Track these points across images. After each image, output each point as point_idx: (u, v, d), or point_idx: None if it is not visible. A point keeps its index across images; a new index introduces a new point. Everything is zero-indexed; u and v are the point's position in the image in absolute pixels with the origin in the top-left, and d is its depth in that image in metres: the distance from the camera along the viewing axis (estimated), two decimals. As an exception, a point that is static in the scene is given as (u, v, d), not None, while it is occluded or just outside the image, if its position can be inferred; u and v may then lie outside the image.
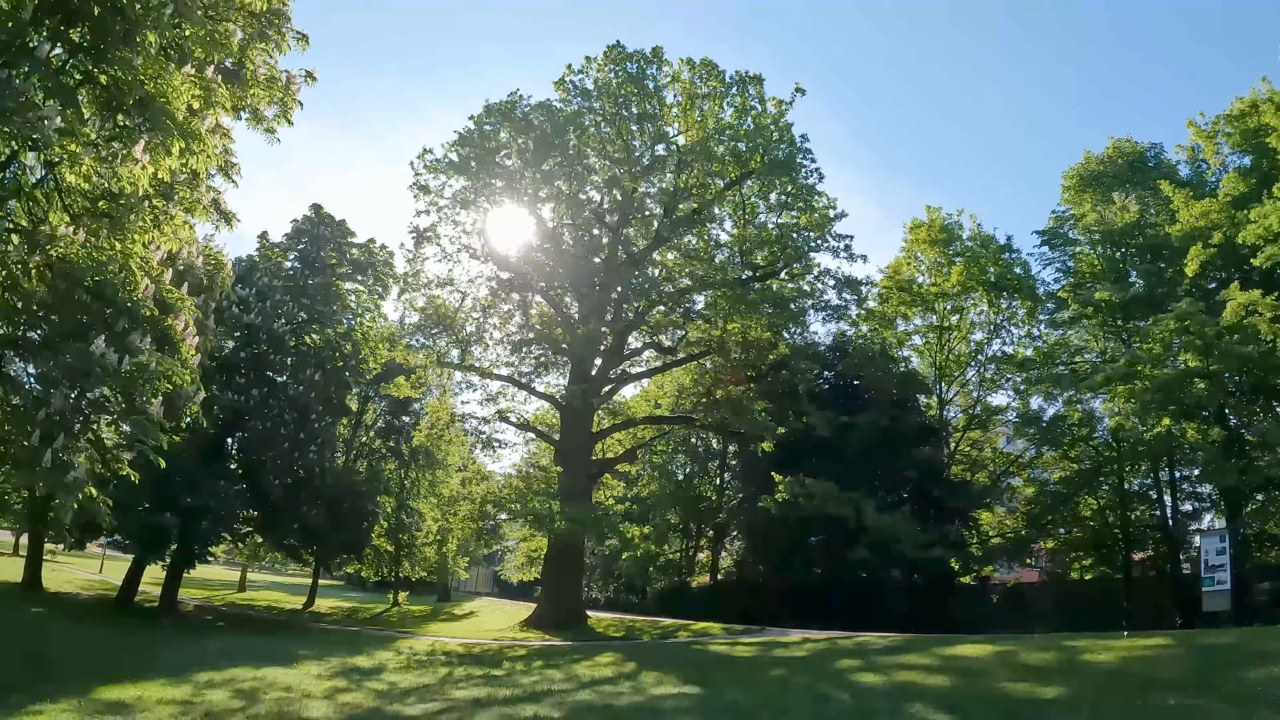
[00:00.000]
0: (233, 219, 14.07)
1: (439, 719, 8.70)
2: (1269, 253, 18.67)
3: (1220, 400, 19.84)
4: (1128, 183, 27.93)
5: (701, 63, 28.92)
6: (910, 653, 12.18)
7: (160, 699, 10.26)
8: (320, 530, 27.17)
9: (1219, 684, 7.51)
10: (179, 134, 10.41)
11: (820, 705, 8.94)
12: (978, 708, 8.05)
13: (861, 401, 28.29)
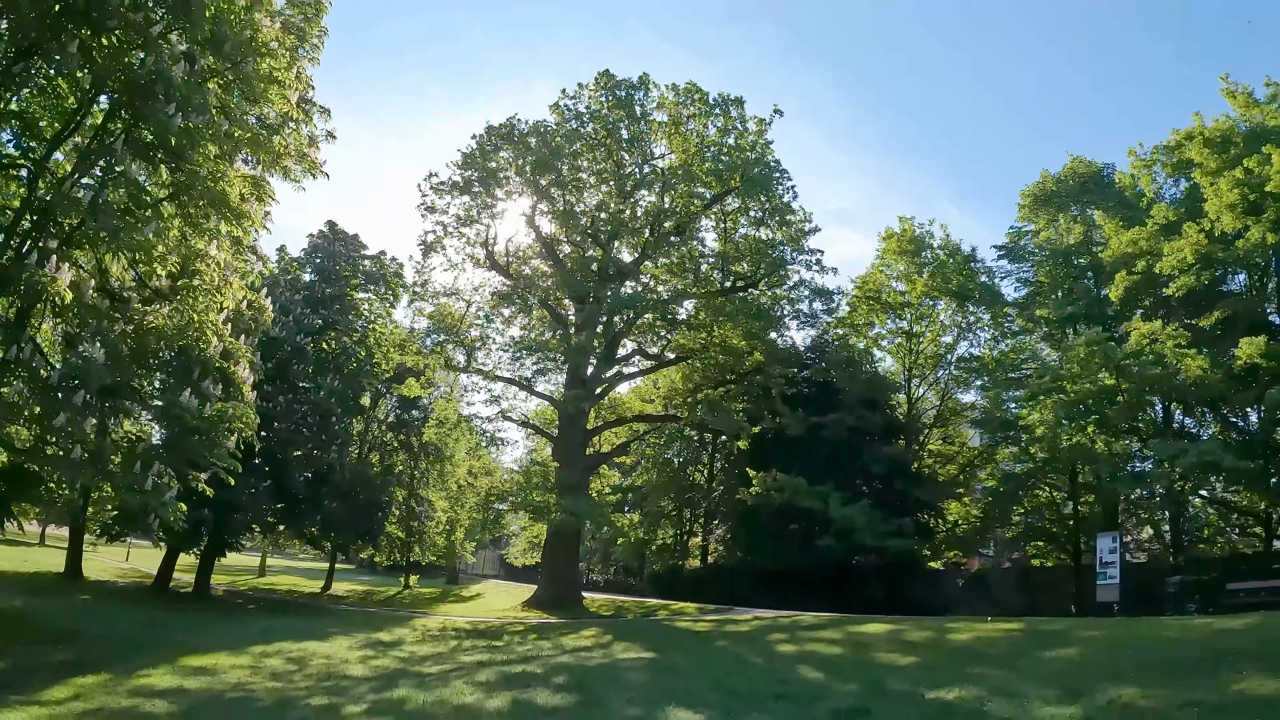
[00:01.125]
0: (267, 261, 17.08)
1: (450, 676, 11.76)
2: (1181, 282, 21.34)
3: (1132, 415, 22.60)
4: (1079, 202, 30.51)
5: (685, 88, 31.56)
6: (827, 629, 15.22)
7: (232, 665, 13.33)
8: (339, 520, 30.37)
9: (1020, 660, 10.40)
10: (236, 221, 13.47)
11: (739, 665, 11.99)
12: (847, 668, 11.06)
13: (834, 402, 31.17)
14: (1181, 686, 7.74)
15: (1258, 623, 10.95)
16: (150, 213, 11.86)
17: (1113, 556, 18.07)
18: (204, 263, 12.32)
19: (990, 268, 33.43)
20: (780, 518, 30.19)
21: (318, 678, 12.38)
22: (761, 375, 29.88)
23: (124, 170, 12.14)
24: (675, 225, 31.32)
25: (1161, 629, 11.43)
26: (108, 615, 21.52)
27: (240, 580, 42.76)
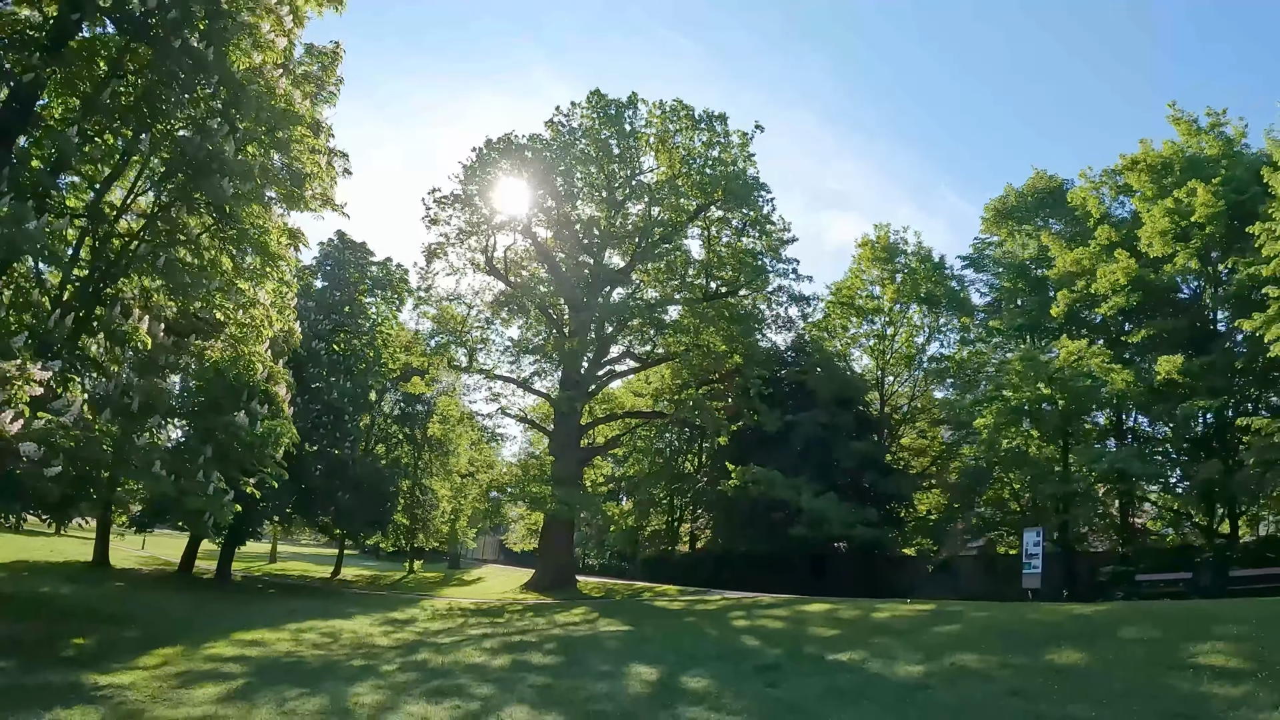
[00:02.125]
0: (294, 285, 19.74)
1: (461, 644, 14.57)
2: (1114, 302, 24.02)
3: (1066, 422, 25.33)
4: (1037, 217, 33.09)
5: (672, 106, 34.03)
6: (778, 608, 18.08)
7: (276, 639, 16.11)
8: (351, 510, 33.26)
9: (912, 633, 13.12)
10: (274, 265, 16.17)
11: (696, 635, 14.83)
12: (780, 638, 13.88)
13: (809, 400, 33.94)
14: (1010, 654, 10.51)
15: (1104, 609, 13.69)
16: (211, 268, 14.52)
17: (1036, 549, 20.99)
18: (255, 307, 15.01)
19: (960, 274, 36.18)
20: (758, 508, 33.07)
21: (352, 647, 15.19)
22: (740, 376, 32.63)
23: (185, 230, 14.83)
24: (662, 235, 33.92)
25: (1034, 612, 14.20)
26: (151, 600, 24.17)
27: (253, 566, 45.59)
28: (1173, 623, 11.13)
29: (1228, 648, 9.27)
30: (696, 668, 11.22)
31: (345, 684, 11.02)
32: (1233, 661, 8.74)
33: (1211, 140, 25.95)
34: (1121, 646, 10.19)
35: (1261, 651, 8.91)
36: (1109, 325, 25.76)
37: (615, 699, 9.34)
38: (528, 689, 9.95)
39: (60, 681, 10.90)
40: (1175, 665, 8.91)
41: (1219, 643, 9.51)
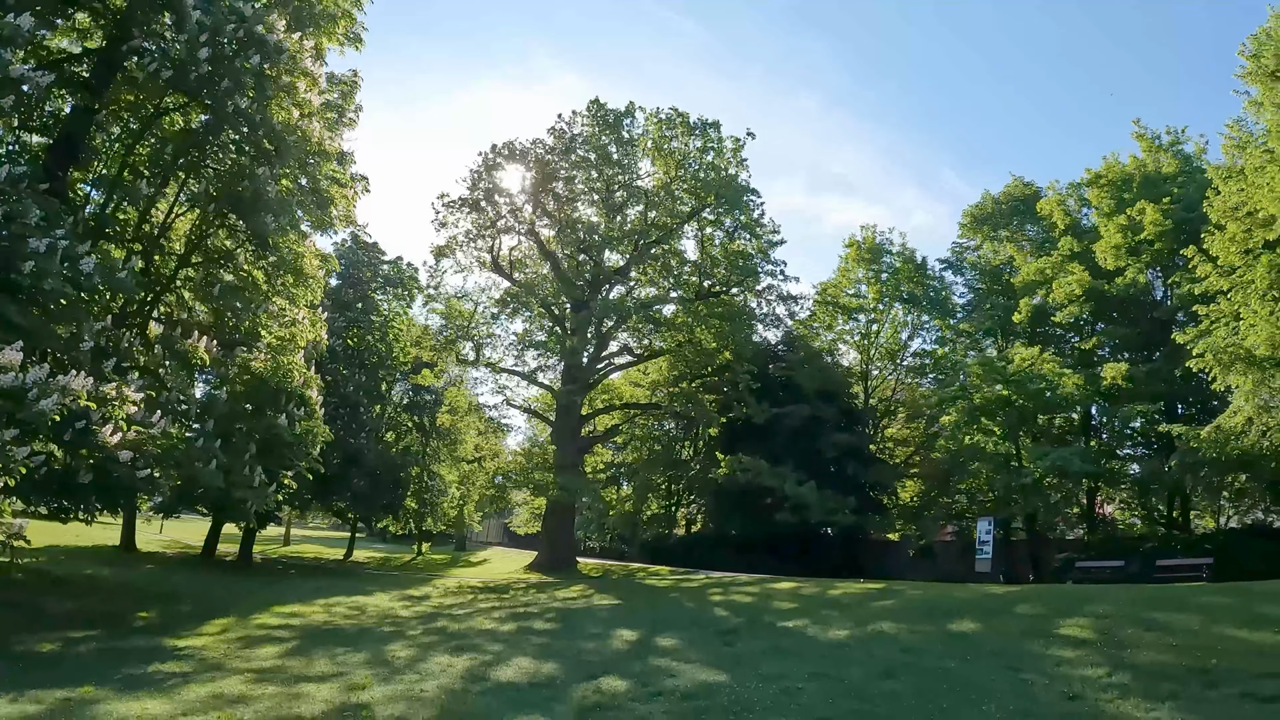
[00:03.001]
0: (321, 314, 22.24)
1: (473, 615, 17.19)
2: (1069, 310, 26.42)
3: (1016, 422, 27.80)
4: (1012, 223, 35.38)
5: (667, 116, 36.23)
6: (751, 586, 20.70)
7: (311, 611, 18.72)
8: (365, 496, 35.96)
9: (854, 607, 15.65)
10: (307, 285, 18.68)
11: (676, 607, 17.44)
12: (745, 610, 16.45)
13: (796, 394, 36.41)
14: (920, 624, 13.03)
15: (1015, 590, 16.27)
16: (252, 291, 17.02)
17: (987, 537, 23.64)
18: (295, 325, 17.52)
19: (941, 275, 38.55)
20: (746, 494, 35.66)
21: (378, 617, 17.83)
22: (731, 371, 35.12)
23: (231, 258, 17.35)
24: (659, 236, 36.27)
25: (962, 591, 16.77)
26: (187, 580, 26.61)
27: (268, 549, 48.43)
28: (1058, 602, 13.66)
29: (1087, 622, 11.78)
30: (670, 631, 13.82)
31: (380, 644, 13.64)
32: (1085, 633, 11.24)
33: (1169, 158, 28.15)
34: (1010, 619, 12.72)
35: (1110, 626, 11.41)
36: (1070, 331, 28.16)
37: (600, 653, 11.93)
38: (530, 646, 12.56)
39: (145, 645, 13.50)
40: (1041, 634, 11.43)
41: (1083, 618, 12.01)
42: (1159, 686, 8.41)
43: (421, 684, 9.90)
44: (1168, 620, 11.36)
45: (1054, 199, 31.53)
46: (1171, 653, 9.70)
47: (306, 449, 17.84)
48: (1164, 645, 10.06)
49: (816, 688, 9.17)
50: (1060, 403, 26.60)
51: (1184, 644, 10.01)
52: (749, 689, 9.22)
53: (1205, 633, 10.54)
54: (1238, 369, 18.02)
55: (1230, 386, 18.84)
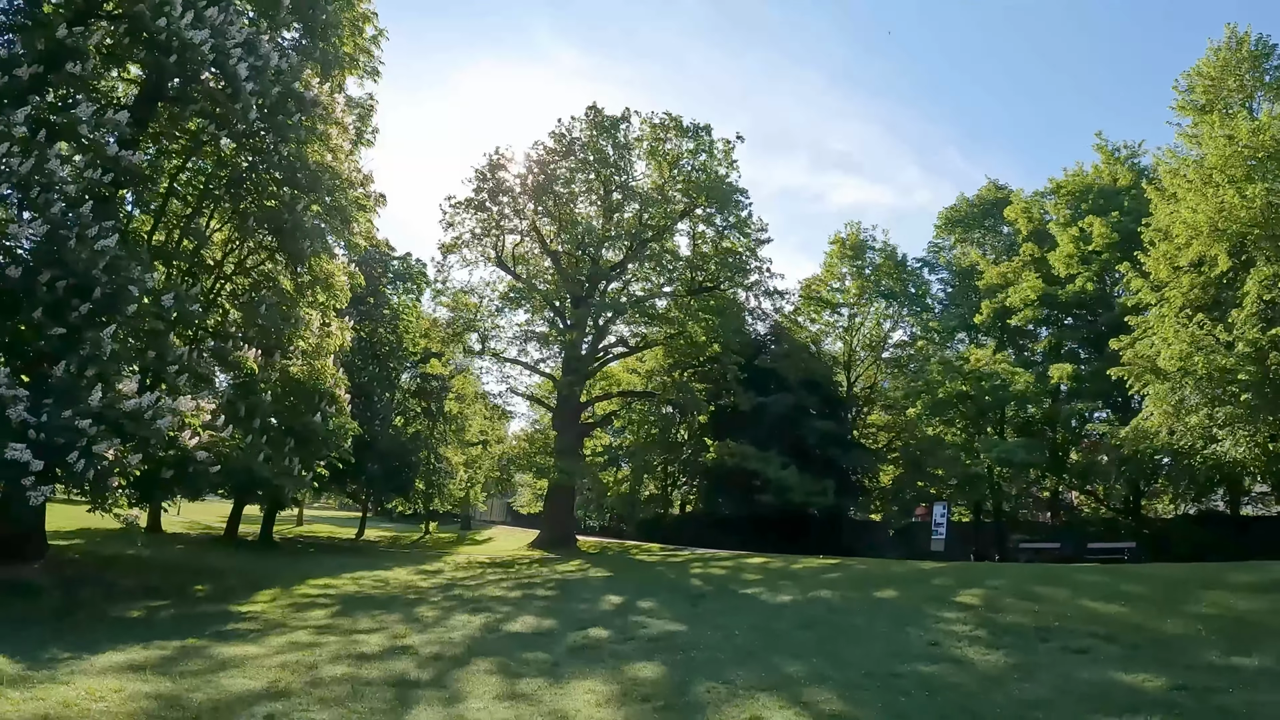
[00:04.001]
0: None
1: (483, 584, 20.36)
2: (1025, 314, 29.35)
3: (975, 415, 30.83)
4: (985, 223, 38.21)
5: (660, 121, 38.91)
6: (727, 561, 23.88)
7: (342, 584, 21.86)
8: (378, 479, 39.21)
9: (807, 578, 18.76)
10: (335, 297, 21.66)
11: (658, 578, 20.61)
12: (716, 579, 19.61)
13: (781, 384, 39.45)
14: (852, 591, 16.12)
15: (943, 565, 19.33)
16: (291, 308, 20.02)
17: (941, 519, 26.84)
18: (328, 338, 20.55)
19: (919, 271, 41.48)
20: (734, 477, 38.86)
21: (402, 588, 21.00)
22: (719, 363, 38.16)
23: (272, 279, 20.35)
24: (653, 235, 39.11)
25: (900, 567, 19.90)
26: (221, 558, 29.41)
27: (283, 529, 51.81)
28: (968, 576, 16.78)
29: (980, 592, 14.84)
30: (649, 597, 16.97)
31: (408, 607, 16.79)
32: (973, 599, 14.29)
33: (1125, 171, 30.86)
34: (923, 588, 15.82)
35: (995, 595, 14.47)
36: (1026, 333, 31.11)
37: (591, 612, 15.08)
38: (534, 607, 15.73)
39: (214, 610, 16.56)
40: (940, 600, 14.50)
41: (979, 589, 15.08)
42: (1002, 639, 11.46)
43: (449, 634, 13.03)
44: (1043, 592, 14.41)
45: (1019, 206, 34.30)
46: (1030, 616, 12.74)
47: (338, 441, 20.95)
48: (1028, 611, 13.10)
49: (750, 634, 12.29)
50: (1013, 399, 29.63)
51: (1044, 610, 13.06)
52: (700, 635, 12.34)
53: (1066, 603, 13.57)
54: (1147, 379, 20.97)
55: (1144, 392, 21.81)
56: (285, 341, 19.96)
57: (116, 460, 12.79)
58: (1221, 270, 21.03)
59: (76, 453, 12.26)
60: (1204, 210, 20.78)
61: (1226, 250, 20.93)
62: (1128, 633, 11.17)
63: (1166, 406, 20.56)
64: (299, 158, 18.73)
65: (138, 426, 12.67)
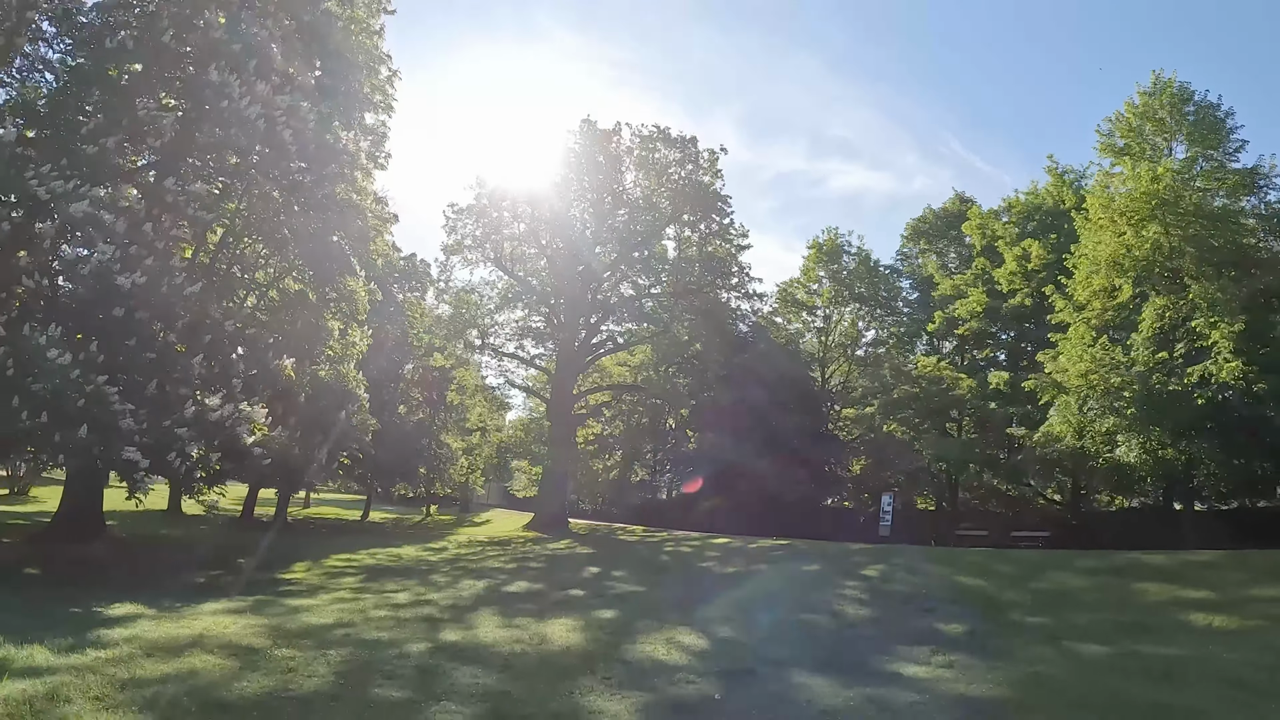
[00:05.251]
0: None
1: (484, 558, 24.52)
2: (970, 325, 33.42)
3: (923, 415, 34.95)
4: (947, 236, 42.17)
5: (649, 134, 42.67)
6: (696, 541, 28.07)
7: (361, 558, 25.99)
8: (386, 466, 43.39)
9: (759, 556, 22.91)
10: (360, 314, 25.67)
11: (634, 553, 24.79)
12: (682, 555, 23.79)
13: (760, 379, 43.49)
14: (786, 565, 20.26)
15: (868, 547, 23.51)
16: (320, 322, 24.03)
17: (889, 508, 30.99)
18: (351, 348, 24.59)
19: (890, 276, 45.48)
20: (715, 465, 43.03)
21: (414, 561, 25.13)
22: (700, 360, 42.25)
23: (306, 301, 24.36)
24: (642, 239, 43.04)
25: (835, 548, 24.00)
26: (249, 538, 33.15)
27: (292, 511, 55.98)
28: (879, 555, 20.94)
29: (882, 567, 18.94)
30: (622, 568, 21.12)
31: (423, 575, 20.91)
32: (873, 573, 18.39)
33: (1070, 194, 34.71)
34: (844, 563, 19.96)
35: (890, 571, 18.55)
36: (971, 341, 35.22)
37: (573, 578, 19.25)
38: (527, 575, 19.91)
39: (263, 578, 20.61)
40: (849, 574, 18.59)
41: (883, 564, 19.21)
42: (876, 600, 15.54)
43: (460, 593, 17.16)
44: (930, 569, 18.51)
45: (974, 222, 38.20)
46: (909, 586, 16.83)
47: (360, 435, 25.06)
48: (909, 582, 17.20)
49: (692, 594, 16.42)
50: (955, 402, 33.78)
51: (921, 581, 17.15)
52: (654, 594, 16.50)
53: (943, 577, 17.64)
54: (1052, 392, 25.05)
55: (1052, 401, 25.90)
56: (314, 350, 23.97)
57: (201, 458, 16.85)
58: (1125, 299, 24.98)
59: (174, 453, 16.34)
60: (1110, 245, 24.71)
61: (1130, 281, 24.88)
62: (970, 598, 15.29)
63: (1069, 416, 24.62)
64: (329, 195, 22.66)
65: (219, 432, 16.73)
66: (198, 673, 8.65)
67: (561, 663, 9.80)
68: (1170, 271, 24.26)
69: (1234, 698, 8.31)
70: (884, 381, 35.79)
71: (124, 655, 9.23)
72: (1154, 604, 13.56)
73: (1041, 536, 27.56)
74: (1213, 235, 23.67)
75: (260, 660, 9.43)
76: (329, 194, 22.71)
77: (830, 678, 9.36)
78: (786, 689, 8.88)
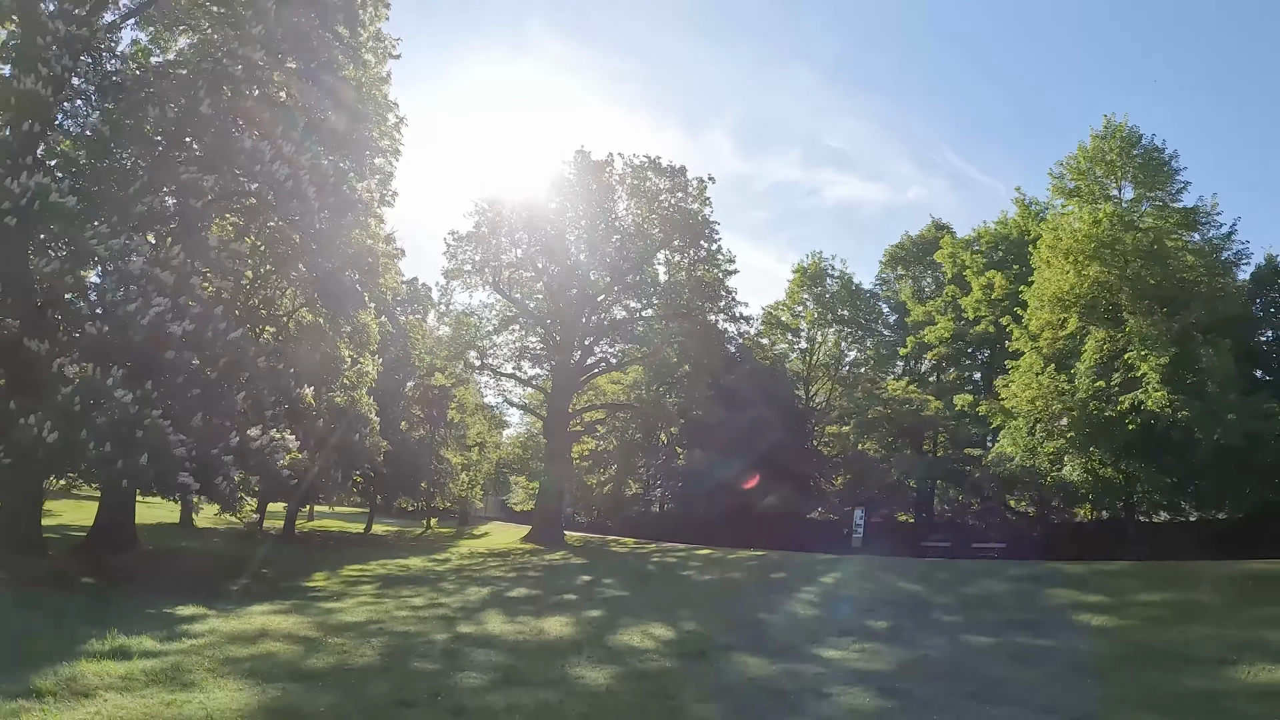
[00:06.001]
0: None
1: (485, 569, 27.37)
2: (937, 350, 36.45)
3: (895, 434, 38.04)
4: (924, 261, 45.29)
5: (640, 164, 45.75)
6: (681, 552, 30.95)
7: (374, 569, 28.86)
8: (390, 481, 46.25)
9: (732, 564, 25.79)
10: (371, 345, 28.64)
11: (624, 563, 27.69)
12: (666, 565, 26.65)
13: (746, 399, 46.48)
14: (756, 574, 23.15)
15: (832, 558, 26.41)
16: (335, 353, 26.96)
17: (860, 521, 33.91)
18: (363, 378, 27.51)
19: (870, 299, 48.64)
20: (704, 480, 45.97)
21: (422, 571, 27.97)
22: (689, 380, 45.23)
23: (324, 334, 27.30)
24: (633, 265, 46.05)
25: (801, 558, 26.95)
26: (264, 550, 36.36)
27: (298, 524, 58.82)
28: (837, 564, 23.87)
29: (837, 574, 21.86)
30: (611, 577, 24.01)
31: (433, 583, 23.75)
32: (829, 580, 21.26)
33: (1034, 225, 37.72)
34: (805, 571, 22.85)
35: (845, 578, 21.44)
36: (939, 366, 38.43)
37: (566, 585, 22.13)
38: (526, 582, 22.79)
39: (289, 585, 23.44)
40: (809, 579, 21.48)
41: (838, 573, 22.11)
42: (824, 603, 18.42)
43: (468, 597, 20.02)
44: (882, 576, 21.42)
45: (945, 252, 41.30)
46: (856, 590, 19.74)
47: (372, 455, 27.98)
48: (860, 587, 20.10)
49: (670, 597, 19.30)
50: (924, 423, 36.84)
51: (869, 587, 20.05)
52: (637, 597, 19.37)
53: (889, 583, 20.51)
54: (1000, 418, 28.05)
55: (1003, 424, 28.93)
56: (331, 379, 26.90)
57: (243, 480, 19.74)
58: (1071, 331, 27.96)
59: (220, 477, 19.23)
60: (1055, 282, 27.71)
61: (1076, 314, 27.87)
62: (905, 600, 18.19)
63: (1019, 439, 27.63)
64: (345, 240, 25.61)
65: (258, 458, 19.64)
66: (274, 654, 11.50)
67: (556, 647, 12.67)
68: (1111, 307, 27.25)
69: (1064, 676, 11.12)
70: (858, 402, 38.85)
71: (212, 642, 12.08)
72: (1054, 606, 16.44)
73: (997, 547, 30.45)
74: (1149, 274, 26.63)
75: (318, 645, 12.31)
76: (345, 239, 25.67)
77: (763, 658, 12.24)
78: (727, 665, 11.76)
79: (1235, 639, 12.17)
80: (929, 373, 42.03)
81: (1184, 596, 15.92)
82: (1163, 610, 15.04)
